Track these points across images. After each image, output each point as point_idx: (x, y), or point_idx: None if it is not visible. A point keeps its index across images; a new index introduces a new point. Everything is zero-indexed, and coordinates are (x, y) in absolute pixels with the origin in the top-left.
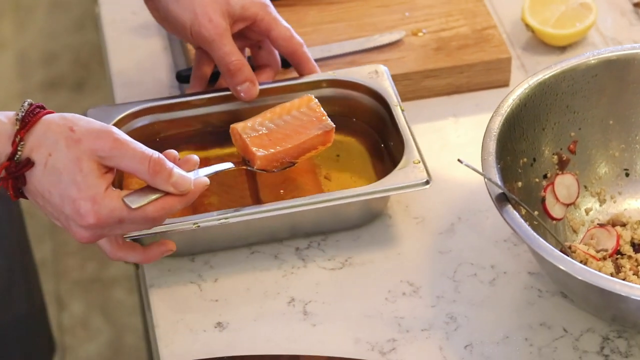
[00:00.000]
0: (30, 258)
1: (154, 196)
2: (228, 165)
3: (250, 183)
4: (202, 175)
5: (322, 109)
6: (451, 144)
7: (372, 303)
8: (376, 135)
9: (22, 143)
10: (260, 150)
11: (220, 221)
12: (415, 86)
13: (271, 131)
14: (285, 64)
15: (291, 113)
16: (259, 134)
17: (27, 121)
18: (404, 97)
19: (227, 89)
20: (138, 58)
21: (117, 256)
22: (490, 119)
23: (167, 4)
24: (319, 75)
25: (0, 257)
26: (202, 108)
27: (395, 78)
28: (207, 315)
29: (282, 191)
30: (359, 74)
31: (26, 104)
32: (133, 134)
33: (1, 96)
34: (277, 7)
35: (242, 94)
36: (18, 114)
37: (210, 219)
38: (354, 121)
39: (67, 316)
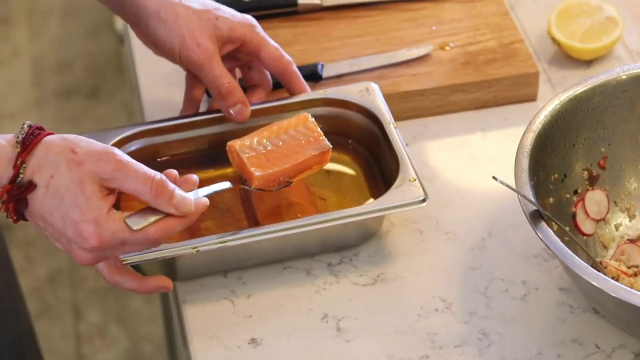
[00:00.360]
0: (16, 282)
1: (155, 217)
2: (226, 184)
3: (245, 206)
4: (201, 195)
5: (318, 128)
6: (480, 158)
7: (405, 319)
8: (368, 154)
9: (23, 166)
10: (258, 170)
11: (218, 245)
12: (443, 100)
13: (269, 151)
14: (276, 85)
15: (288, 132)
16: (256, 153)
17: (27, 143)
18: (432, 111)
19: (219, 111)
20: (165, 71)
21: (114, 280)
22: (522, 136)
23: (155, 29)
24: (310, 94)
25: None
26: (194, 130)
27: (424, 93)
28: (241, 331)
29: (277, 214)
30: (350, 92)
31: (25, 125)
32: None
33: (16, 104)
34: (305, 20)
35: (234, 116)
36: (18, 137)
37: (209, 243)
38: (346, 139)
39: (85, 325)
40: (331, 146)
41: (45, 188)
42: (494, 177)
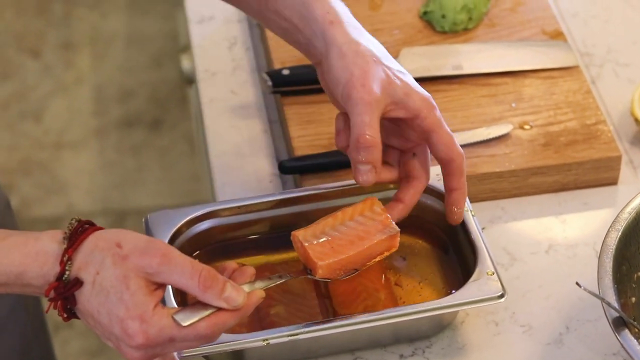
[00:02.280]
0: (48, 338)
1: (206, 312)
2: (286, 277)
3: (317, 291)
4: (257, 287)
5: (386, 212)
6: (559, 244)
7: None
8: (446, 239)
9: (69, 262)
10: (322, 259)
11: (289, 338)
12: (521, 183)
13: (333, 238)
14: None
15: (354, 218)
16: (320, 242)
17: (74, 239)
18: (509, 193)
19: (288, 192)
20: (237, 141)
21: None
22: (606, 234)
23: (332, 61)
24: None
25: (15, 338)
26: (265, 211)
27: (502, 175)
28: None
29: (351, 300)
30: None
31: (74, 221)
32: (194, 238)
33: (78, 133)
34: None
35: (358, 175)
36: (66, 233)
37: (280, 336)
38: (423, 223)
39: None
40: (399, 230)
41: (92, 285)
42: (577, 284)
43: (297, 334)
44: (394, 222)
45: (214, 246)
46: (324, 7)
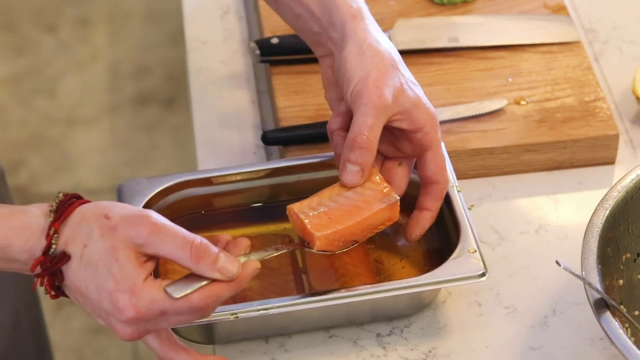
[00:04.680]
0: (40, 314)
1: (199, 284)
2: (282, 249)
3: (294, 266)
4: (253, 258)
5: (385, 182)
6: (550, 225)
7: None
8: None
9: (56, 236)
10: (319, 230)
11: (260, 312)
12: (513, 160)
13: (331, 209)
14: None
15: (352, 189)
16: (317, 213)
17: (61, 212)
18: (501, 170)
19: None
20: (223, 112)
21: (168, 356)
22: (593, 212)
23: (348, 54)
24: None
25: (5, 311)
26: (242, 182)
27: (494, 151)
28: None
29: (329, 275)
30: None
31: (61, 194)
32: (168, 208)
33: (91, 109)
34: None
35: (344, 173)
36: (52, 205)
37: (249, 310)
38: (407, 199)
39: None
40: (398, 198)
41: (79, 259)
42: (557, 262)
43: (267, 309)
44: (393, 192)
45: (188, 217)
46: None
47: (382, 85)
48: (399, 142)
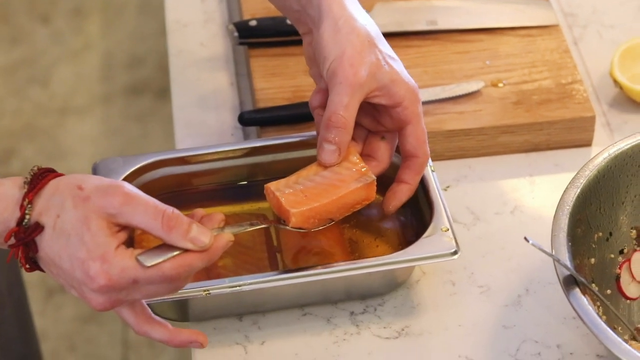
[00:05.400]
0: (23, 295)
1: (171, 254)
2: (257, 225)
3: (268, 244)
4: (227, 231)
5: (362, 162)
6: (525, 206)
7: None
8: None
9: (29, 206)
10: (295, 207)
11: (232, 289)
12: (490, 141)
13: (307, 187)
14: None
15: (329, 168)
16: (293, 191)
17: (35, 184)
18: (477, 152)
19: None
20: (202, 93)
21: (142, 330)
22: (564, 191)
23: (324, 33)
24: None
25: None
26: (216, 162)
27: (470, 132)
28: None
29: (304, 254)
30: None
31: (35, 167)
32: (143, 188)
33: (84, 99)
34: None
35: (322, 154)
36: (27, 178)
37: (221, 287)
38: (383, 178)
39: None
40: (374, 178)
41: (52, 229)
42: (525, 238)
43: (240, 285)
44: (370, 172)
45: (164, 196)
46: None
47: (357, 63)
48: (381, 117)
